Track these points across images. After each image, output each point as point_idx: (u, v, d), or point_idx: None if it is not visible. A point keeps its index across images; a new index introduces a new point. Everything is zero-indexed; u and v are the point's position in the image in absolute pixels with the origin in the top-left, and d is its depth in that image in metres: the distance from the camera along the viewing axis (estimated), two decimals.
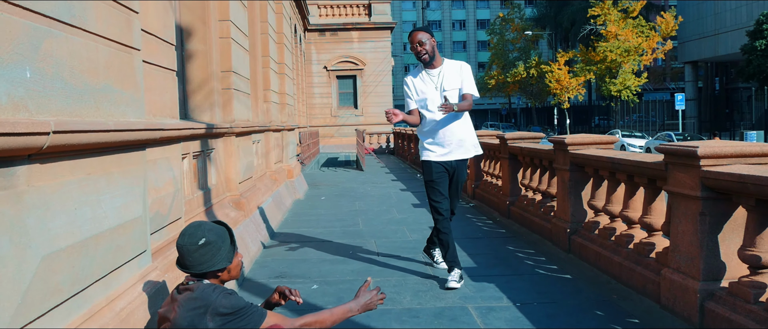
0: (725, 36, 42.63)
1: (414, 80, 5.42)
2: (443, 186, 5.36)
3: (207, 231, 2.75)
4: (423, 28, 5.34)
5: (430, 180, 5.38)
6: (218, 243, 2.75)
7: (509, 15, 62.00)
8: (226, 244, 2.79)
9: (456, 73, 5.33)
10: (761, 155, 3.98)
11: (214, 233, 2.76)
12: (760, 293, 3.68)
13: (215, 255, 2.74)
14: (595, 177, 6.00)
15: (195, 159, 5.62)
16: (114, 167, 2.87)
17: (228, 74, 6.98)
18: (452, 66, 5.37)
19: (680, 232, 4.26)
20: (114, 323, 2.71)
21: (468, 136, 5.39)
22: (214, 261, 2.74)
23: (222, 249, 2.77)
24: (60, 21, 2.37)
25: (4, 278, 1.94)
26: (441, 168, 5.35)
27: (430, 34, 5.29)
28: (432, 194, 5.36)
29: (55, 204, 2.27)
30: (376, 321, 4.35)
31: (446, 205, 5.34)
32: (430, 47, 5.23)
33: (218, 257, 2.75)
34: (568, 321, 4.34)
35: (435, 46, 5.28)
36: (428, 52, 5.24)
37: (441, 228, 5.31)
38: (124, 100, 3.02)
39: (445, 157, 5.34)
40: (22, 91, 2.09)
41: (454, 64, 5.39)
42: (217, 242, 2.75)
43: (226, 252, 2.79)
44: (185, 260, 2.73)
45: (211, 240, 2.73)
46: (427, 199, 5.46)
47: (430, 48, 5.22)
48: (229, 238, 2.83)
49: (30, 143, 2.04)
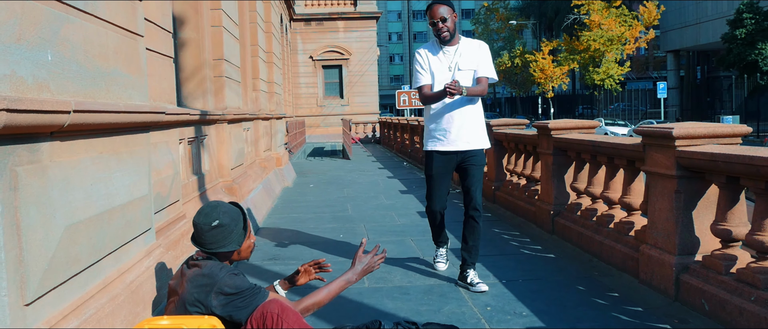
0: (707, 25, 43.12)
1: (428, 54, 4.84)
2: (441, 185, 4.91)
3: (222, 214, 2.89)
4: (444, 1, 4.70)
5: (428, 175, 4.95)
6: (231, 227, 2.90)
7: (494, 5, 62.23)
8: (238, 228, 2.94)
9: (474, 52, 4.78)
10: (732, 135, 4.20)
11: (228, 216, 2.90)
12: (731, 264, 3.91)
13: (226, 237, 2.89)
14: (577, 161, 6.22)
15: (190, 145, 5.77)
16: (123, 147, 3.04)
17: (220, 62, 7.12)
18: (470, 45, 4.82)
19: (657, 210, 4.48)
20: (125, 294, 2.88)
21: (477, 126, 4.84)
22: (225, 243, 2.89)
23: (234, 232, 2.92)
24: (75, 8, 2.53)
25: (33, 244, 2.10)
26: (443, 162, 4.84)
27: (451, 7, 4.70)
28: (428, 191, 4.97)
29: (74, 179, 2.44)
30: (368, 297, 4.54)
31: (439, 207, 4.96)
32: (452, 24, 4.67)
33: (229, 239, 2.90)
34: (551, 295, 4.55)
35: (456, 21, 4.73)
36: (450, 30, 4.68)
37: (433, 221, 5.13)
38: (130, 84, 3.18)
39: (450, 145, 4.79)
40: (45, 72, 2.25)
41: (471, 43, 4.83)
42: (230, 225, 2.90)
43: (238, 235, 2.94)
44: (199, 238, 2.89)
45: (224, 223, 2.88)
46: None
47: (451, 25, 4.67)
48: (243, 222, 2.99)
49: (54, 121, 2.20)
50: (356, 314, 4.13)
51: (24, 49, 2.10)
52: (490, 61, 4.83)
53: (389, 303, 4.43)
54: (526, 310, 4.23)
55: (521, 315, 4.14)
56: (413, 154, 16.48)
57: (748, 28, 31.41)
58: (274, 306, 2.78)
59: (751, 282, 3.66)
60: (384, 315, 4.14)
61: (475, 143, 4.80)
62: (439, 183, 4.88)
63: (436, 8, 4.62)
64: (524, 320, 4.05)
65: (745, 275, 3.72)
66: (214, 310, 2.74)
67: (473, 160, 4.79)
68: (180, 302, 2.79)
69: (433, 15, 4.65)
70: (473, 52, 4.78)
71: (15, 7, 2.05)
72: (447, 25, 4.63)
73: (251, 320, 2.78)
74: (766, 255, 3.69)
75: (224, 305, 2.76)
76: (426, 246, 6.15)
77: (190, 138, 5.74)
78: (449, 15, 4.64)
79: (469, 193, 4.80)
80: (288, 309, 2.80)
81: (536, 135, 6.97)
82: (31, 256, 2.09)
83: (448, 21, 4.63)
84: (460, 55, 4.75)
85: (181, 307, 2.75)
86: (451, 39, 4.71)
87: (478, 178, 4.81)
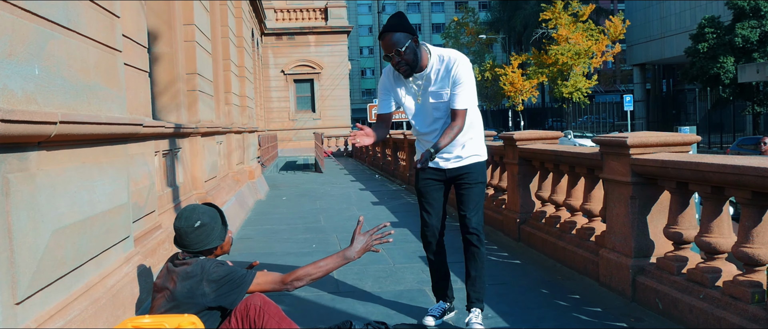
0: (671, 39, 44.14)
1: (391, 76, 4.06)
2: (433, 199, 4.16)
3: (201, 214, 3.06)
4: (397, 24, 3.76)
5: (417, 190, 4.27)
6: (212, 224, 3.08)
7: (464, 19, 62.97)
8: (218, 224, 3.12)
9: (444, 77, 3.89)
10: (682, 144, 4.46)
11: (207, 215, 3.08)
12: (682, 265, 4.15)
13: (210, 235, 3.06)
14: (541, 170, 6.46)
15: (164, 157, 5.88)
16: (103, 158, 3.17)
17: (193, 76, 7.25)
18: (442, 65, 3.90)
19: (614, 215, 4.72)
20: (106, 297, 3.01)
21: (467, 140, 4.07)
22: (209, 240, 3.07)
23: (215, 229, 3.10)
24: (59, 25, 2.68)
25: (23, 247, 2.24)
26: (430, 175, 4.14)
27: (407, 30, 3.76)
28: (421, 208, 4.24)
29: (59, 187, 2.57)
30: (340, 303, 4.71)
31: (434, 224, 4.19)
32: (411, 52, 3.78)
33: (212, 236, 3.08)
34: (515, 298, 4.76)
35: (417, 48, 3.80)
36: (408, 62, 3.80)
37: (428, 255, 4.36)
38: (110, 97, 3.32)
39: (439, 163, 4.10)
40: (33, 86, 2.39)
41: (443, 64, 3.89)
42: (211, 223, 3.08)
43: (219, 231, 3.12)
44: (183, 240, 3.05)
45: (205, 222, 3.05)
46: None
47: (410, 55, 3.78)
48: (221, 218, 3.16)
49: (41, 131, 2.34)
50: (328, 318, 4.29)
51: (14, 64, 2.24)
52: (466, 84, 3.88)
53: (360, 307, 4.60)
54: (491, 312, 4.43)
55: (486, 316, 4.33)
56: (385, 166, 16.67)
57: (710, 43, 32.24)
58: (257, 299, 2.95)
59: (700, 281, 3.90)
60: (355, 318, 4.30)
61: (467, 159, 4.08)
62: (431, 196, 4.15)
63: (387, 38, 3.75)
64: (489, 321, 4.25)
65: (694, 275, 3.96)
66: (206, 299, 2.89)
67: (468, 177, 4.08)
68: (172, 296, 2.93)
69: (384, 47, 3.79)
70: (444, 76, 3.88)
71: (6, 25, 2.20)
72: (405, 57, 3.76)
73: (235, 312, 2.95)
74: (714, 256, 3.93)
75: (215, 291, 2.93)
76: (397, 254, 6.33)
77: (165, 150, 5.86)
78: (405, 41, 3.73)
79: (464, 215, 4.10)
80: (270, 303, 2.97)
81: (502, 145, 7.21)
82: (22, 258, 2.23)
83: (405, 51, 3.73)
84: (427, 81, 3.92)
85: (173, 301, 2.90)
86: (413, 69, 3.86)
87: (472, 198, 4.09)
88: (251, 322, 2.87)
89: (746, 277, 3.58)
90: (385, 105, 4.12)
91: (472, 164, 4.09)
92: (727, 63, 31.46)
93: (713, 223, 3.86)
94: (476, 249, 4.12)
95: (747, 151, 17.53)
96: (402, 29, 3.75)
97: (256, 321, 2.86)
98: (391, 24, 3.78)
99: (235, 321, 2.90)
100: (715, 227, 3.86)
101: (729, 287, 3.64)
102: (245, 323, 2.88)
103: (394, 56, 3.78)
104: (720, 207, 3.84)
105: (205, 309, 2.92)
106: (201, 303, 2.90)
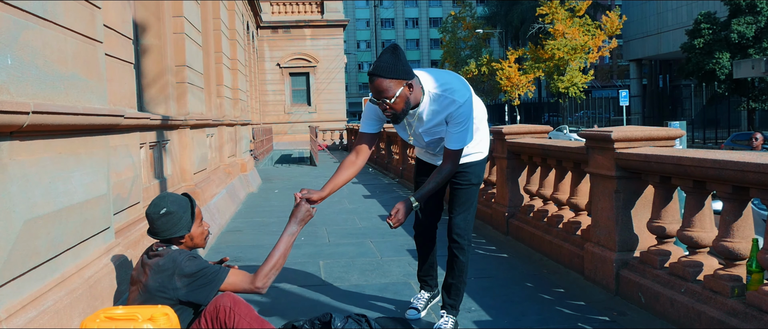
0: (667, 35, 44.13)
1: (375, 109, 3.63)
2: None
3: (169, 203, 3.06)
4: (388, 68, 3.29)
5: (415, 184, 4.21)
6: (179, 213, 3.07)
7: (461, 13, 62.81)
8: (186, 214, 3.11)
9: (438, 119, 3.57)
10: (666, 138, 4.46)
11: (176, 204, 3.07)
12: (665, 259, 4.16)
13: (176, 224, 3.06)
14: (529, 164, 6.46)
15: (151, 149, 5.86)
16: (81, 149, 3.16)
17: (182, 68, 7.22)
18: (434, 108, 3.54)
19: (599, 209, 4.72)
20: (82, 288, 3.00)
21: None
22: (175, 229, 3.06)
23: (182, 218, 3.08)
24: (35, 15, 2.66)
25: None
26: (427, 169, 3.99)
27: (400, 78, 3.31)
28: None
29: (33, 177, 2.56)
30: (324, 295, 4.71)
31: (426, 220, 4.12)
32: (402, 98, 3.36)
33: (179, 225, 3.06)
34: (500, 292, 4.76)
35: (409, 95, 3.38)
36: (396, 109, 3.39)
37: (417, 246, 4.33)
38: (89, 88, 3.30)
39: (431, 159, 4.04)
40: (5, 75, 2.37)
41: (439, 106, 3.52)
42: (179, 212, 3.07)
43: (187, 221, 3.10)
44: (152, 227, 3.05)
45: (172, 210, 3.04)
46: None
47: (401, 100, 3.36)
48: (191, 209, 3.15)
49: (13, 121, 2.33)
50: (311, 310, 4.28)
51: None
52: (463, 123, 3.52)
53: (345, 300, 4.60)
54: (474, 306, 4.43)
55: (470, 310, 4.34)
56: (379, 160, 16.66)
57: (706, 38, 32.23)
58: (227, 300, 2.91)
59: (681, 275, 3.91)
60: (337, 310, 4.29)
61: (465, 157, 3.82)
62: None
63: (376, 83, 3.32)
64: (472, 315, 4.25)
65: (676, 269, 3.96)
66: (178, 293, 2.88)
67: (462, 177, 3.86)
68: (144, 289, 2.93)
69: (372, 91, 3.40)
70: (438, 118, 3.56)
71: None
72: (393, 104, 3.35)
73: (205, 313, 2.92)
74: (696, 250, 3.94)
75: (187, 285, 2.92)
76: (384, 247, 6.33)
77: (152, 142, 5.84)
78: (396, 90, 3.31)
79: (451, 217, 3.92)
80: (240, 302, 2.94)
81: (492, 140, 7.20)
82: None
83: (394, 97, 3.32)
84: (419, 121, 3.63)
85: (146, 294, 2.89)
86: (403, 115, 3.46)
87: (462, 200, 3.89)
88: (221, 323, 2.83)
89: (726, 271, 3.59)
90: (370, 127, 3.79)
91: (470, 162, 3.86)
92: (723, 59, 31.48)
93: (695, 217, 3.86)
94: (457, 258, 3.94)
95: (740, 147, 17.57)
96: (394, 75, 3.30)
97: (225, 322, 2.83)
98: (383, 67, 3.30)
99: (204, 322, 2.87)
100: (696, 221, 3.86)
101: (709, 281, 3.64)
102: (215, 324, 2.84)
103: (383, 102, 3.36)
104: (702, 201, 3.84)
105: (177, 302, 2.91)
106: (172, 296, 2.90)
